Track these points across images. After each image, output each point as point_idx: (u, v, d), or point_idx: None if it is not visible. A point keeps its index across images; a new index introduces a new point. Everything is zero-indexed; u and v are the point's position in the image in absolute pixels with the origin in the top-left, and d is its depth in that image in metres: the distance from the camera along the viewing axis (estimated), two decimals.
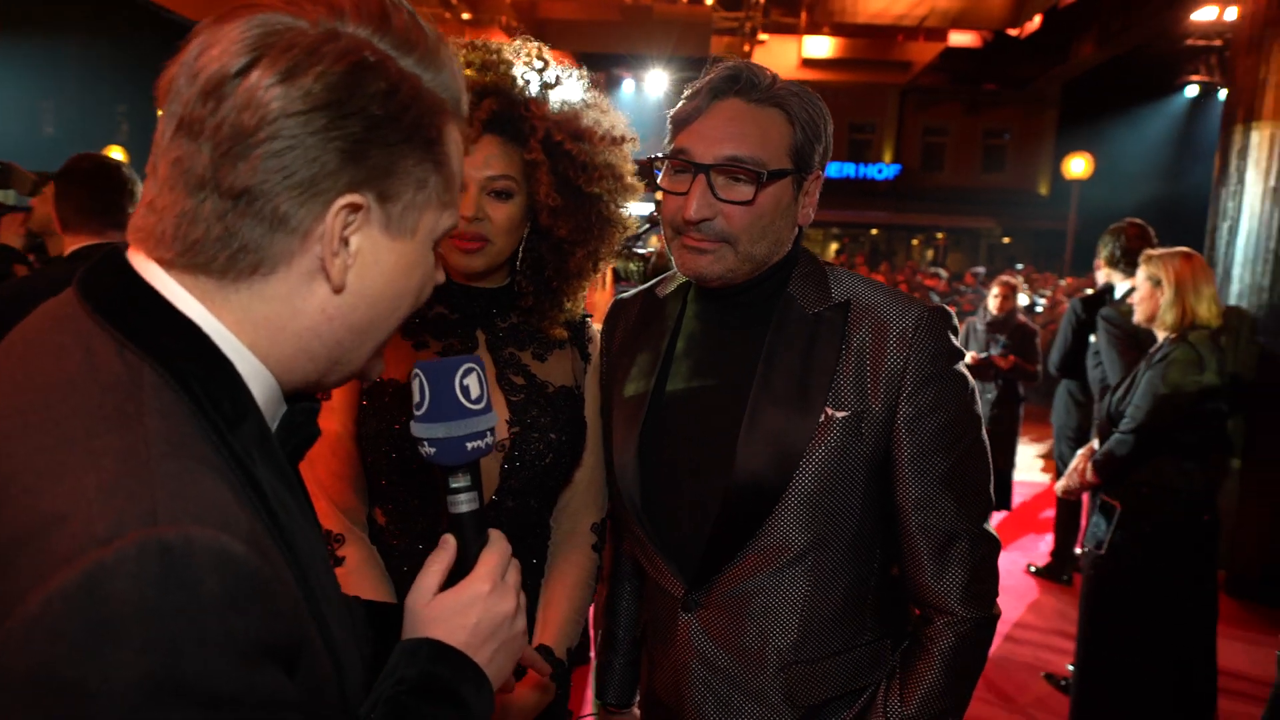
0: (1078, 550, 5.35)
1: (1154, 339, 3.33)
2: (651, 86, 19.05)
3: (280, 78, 0.69)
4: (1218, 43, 15.09)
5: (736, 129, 1.28)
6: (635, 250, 3.21)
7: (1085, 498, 3.36)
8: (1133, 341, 4.14)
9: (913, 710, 1.32)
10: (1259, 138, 5.48)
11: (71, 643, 0.54)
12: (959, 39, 17.96)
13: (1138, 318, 3.30)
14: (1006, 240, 25.80)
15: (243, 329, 0.74)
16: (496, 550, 0.95)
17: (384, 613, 1.00)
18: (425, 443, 0.95)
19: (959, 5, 14.08)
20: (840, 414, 1.30)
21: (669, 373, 1.44)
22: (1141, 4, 14.37)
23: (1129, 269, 4.15)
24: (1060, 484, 3.46)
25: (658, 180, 1.37)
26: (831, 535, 1.33)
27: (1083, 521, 4.78)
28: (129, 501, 0.59)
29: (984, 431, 1.37)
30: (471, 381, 0.96)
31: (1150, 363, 3.21)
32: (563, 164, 1.45)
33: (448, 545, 0.94)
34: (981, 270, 13.39)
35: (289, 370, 0.77)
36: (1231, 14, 12.70)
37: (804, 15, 15.27)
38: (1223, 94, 10.54)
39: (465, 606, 0.90)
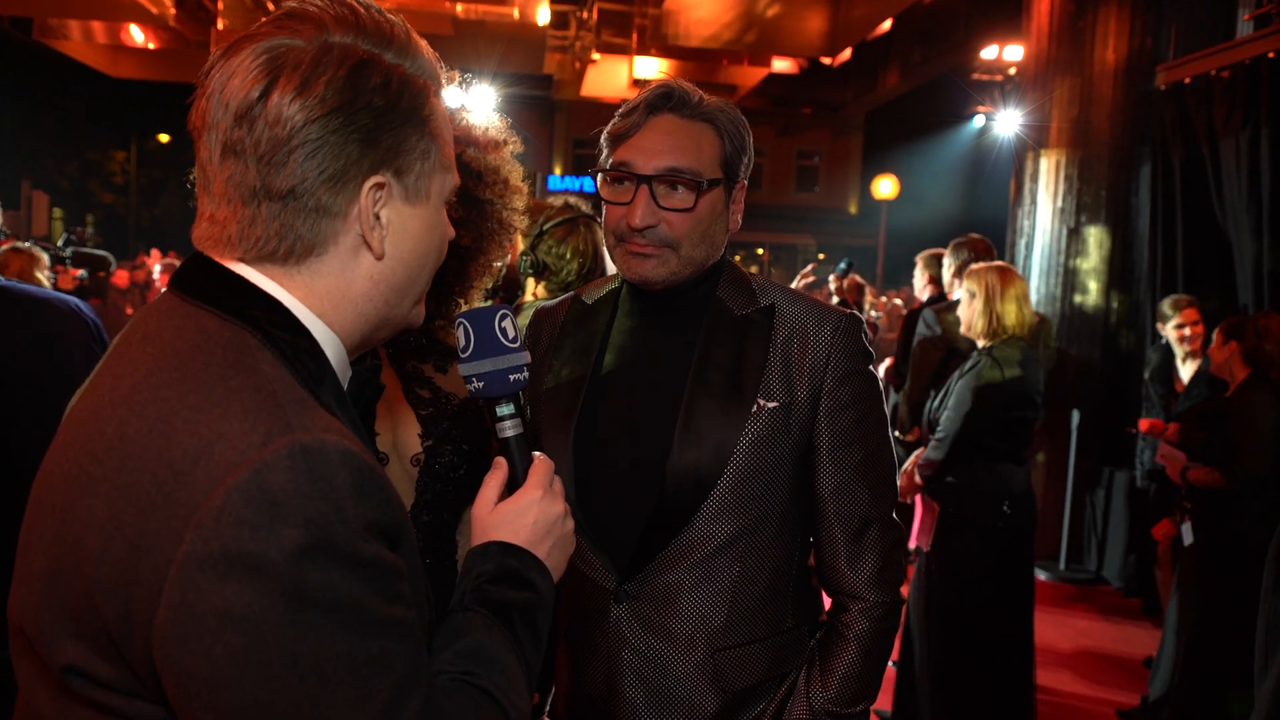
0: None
1: (971, 350, 3.65)
2: (478, 101, 18.84)
3: (297, 92, 0.81)
4: (999, 78, 16.69)
5: (674, 142, 1.37)
6: None
7: (918, 498, 3.66)
8: (937, 344, 4.49)
9: (833, 693, 1.40)
10: (1047, 164, 6.14)
11: (251, 524, 0.70)
12: (780, 65, 18.95)
13: (962, 328, 3.57)
14: (821, 256, 27.31)
15: (310, 302, 0.87)
16: (542, 465, 1.08)
17: None
18: (474, 379, 1.09)
19: (777, 32, 14.86)
20: (771, 404, 1.39)
21: (601, 373, 1.48)
22: (938, 40, 15.73)
23: None
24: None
25: (597, 191, 1.43)
26: (759, 522, 1.40)
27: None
28: (270, 419, 0.75)
29: (889, 430, 1.49)
30: (508, 325, 1.10)
31: (962, 373, 3.48)
32: (462, 173, 1.44)
33: (500, 466, 1.08)
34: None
35: (350, 333, 0.91)
36: (1011, 53, 14.12)
37: (635, 36, 15.65)
38: (1002, 124, 11.66)
39: (523, 511, 1.04)
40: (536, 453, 1.09)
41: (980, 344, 3.46)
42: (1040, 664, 4.53)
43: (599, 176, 1.43)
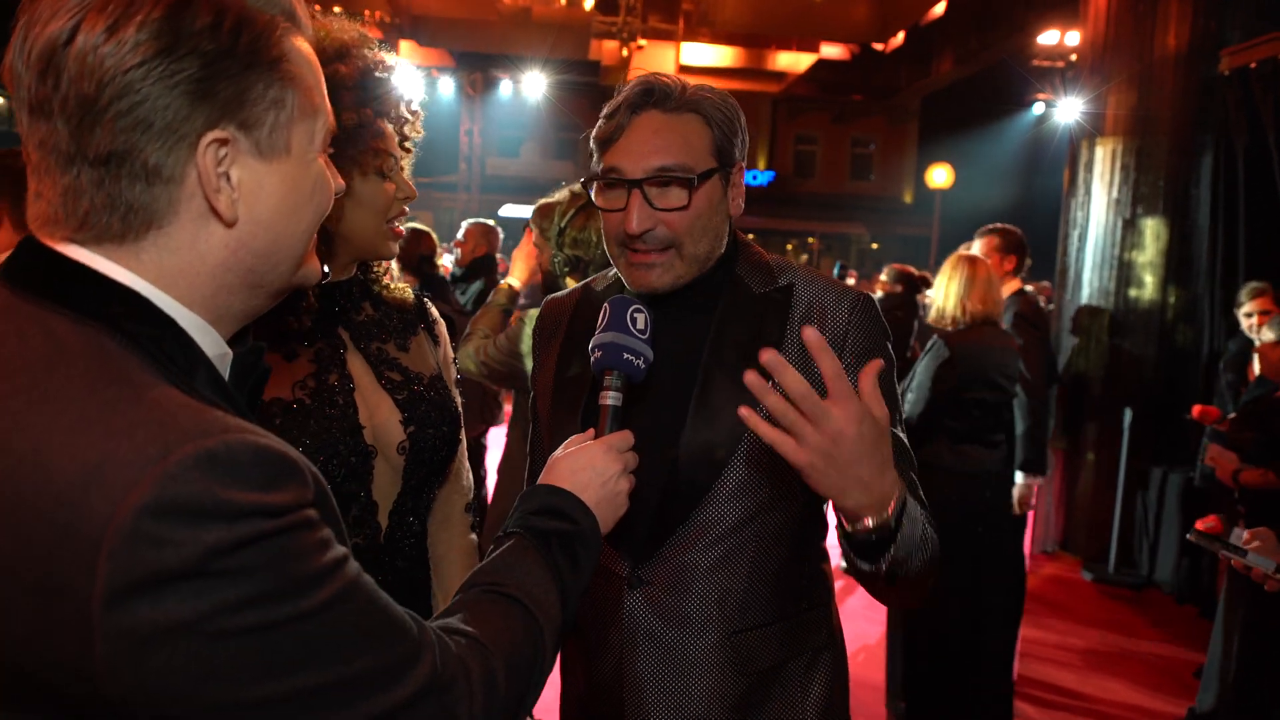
0: None
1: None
2: (530, 88, 18.91)
3: (105, 35, 0.70)
4: (1060, 64, 16.20)
5: (660, 140, 1.34)
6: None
7: None
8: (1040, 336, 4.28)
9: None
10: (1103, 153, 5.92)
11: (170, 540, 0.64)
12: (829, 51, 18.65)
13: (933, 313, 3.67)
14: (875, 246, 26.90)
15: (164, 285, 0.77)
16: (623, 433, 1.20)
17: None
18: (596, 349, 1.25)
19: (826, 16, 14.59)
20: None
21: None
22: (994, 26, 15.31)
23: (1017, 270, 4.31)
24: None
25: (591, 197, 1.41)
26: (774, 502, 1.38)
27: None
28: (161, 428, 0.67)
29: (901, 416, 1.47)
30: (639, 318, 1.27)
31: (922, 355, 3.61)
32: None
33: (589, 433, 1.22)
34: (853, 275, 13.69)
35: (215, 309, 0.81)
36: (1072, 39, 13.68)
37: (681, 22, 15.52)
38: (1062, 112, 11.25)
39: (578, 462, 1.14)
40: (627, 430, 1.21)
41: (948, 328, 3.57)
42: (1083, 669, 4.42)
43: (593, 184, 1.41)
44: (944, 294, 3.58)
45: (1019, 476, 3.88)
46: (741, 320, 1.41)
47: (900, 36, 16.91)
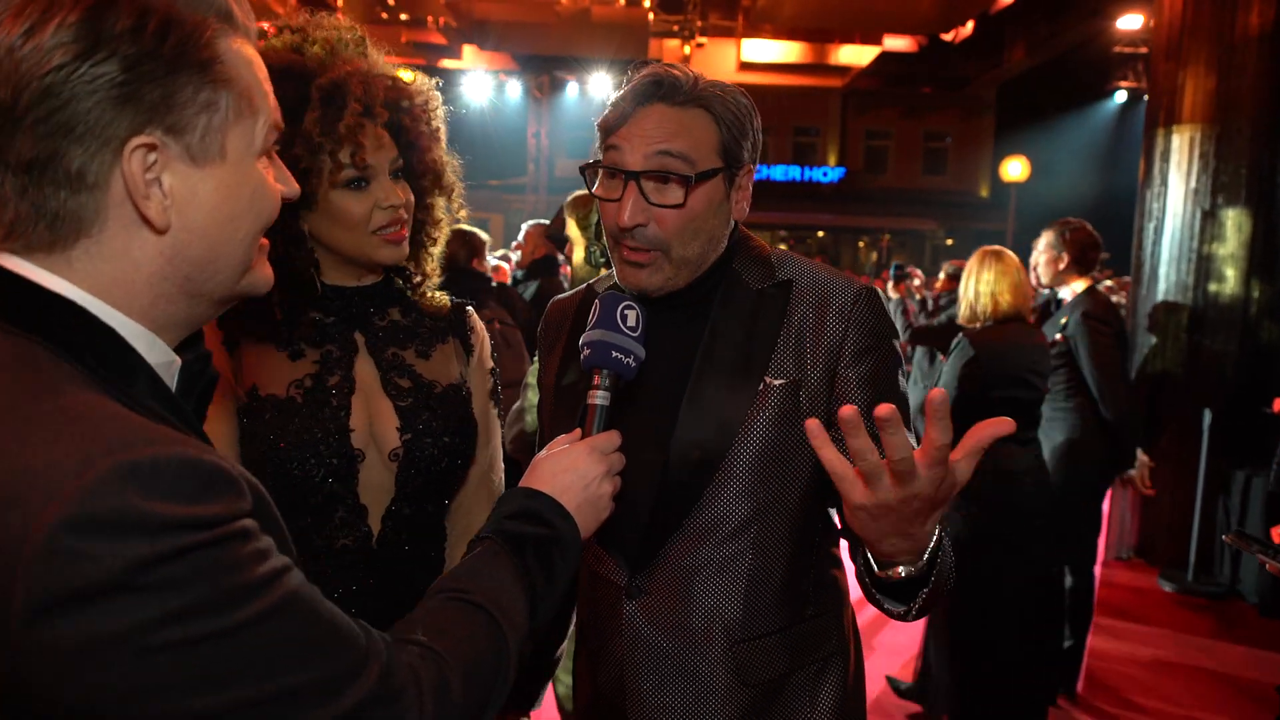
0: None
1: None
2: (595, 89, 19.01)
3: (22, 39, 0.69)
4: (1144, 50, 15.53)
5: (663, 134, 1.30)
6: None
7: None
8: (1115, 339, 4.03)
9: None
10: (1180, 141, 5.64)
11: (88, 555, 0.62)
12: (894, 43, 18.22)
13: (962, 310, 3.57)
14: (949, 242, 26.25)
15: (100, 293, 0.76)
16: (609, 434, 1.18)
17: None
18: (585, 346, 1.23)
19: (889, 7, 14.23)
20: (778, 382, 1.34)
21: None
22: (1067, 12, 14.74)
23: (1083, 269, 4.07)
24: None
25: (592, 189, 1.37)
26: (773, 505, 1.34)
27: None
28: (86, 442, 0.65)
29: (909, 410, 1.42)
30: (630, 315, 1.25)
31: (949, 354, 3.52)
32: (430, 129, 1.44)
33: (575, 433, 1.19)
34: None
35: (155, 318, 0.79)
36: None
37: (740, 19, 15.35)
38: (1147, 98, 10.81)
39: (560, 463, 1.12)
40: (614, 429, 1.19)
41: (976, 325, 3.46)
42: (1153, 682, 4.22)
43: (597, 173, 1.36)
44: (974, 291, 3.44)
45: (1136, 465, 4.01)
46: (736, 317, 1.37)
47: (969, 26, 16.42)
